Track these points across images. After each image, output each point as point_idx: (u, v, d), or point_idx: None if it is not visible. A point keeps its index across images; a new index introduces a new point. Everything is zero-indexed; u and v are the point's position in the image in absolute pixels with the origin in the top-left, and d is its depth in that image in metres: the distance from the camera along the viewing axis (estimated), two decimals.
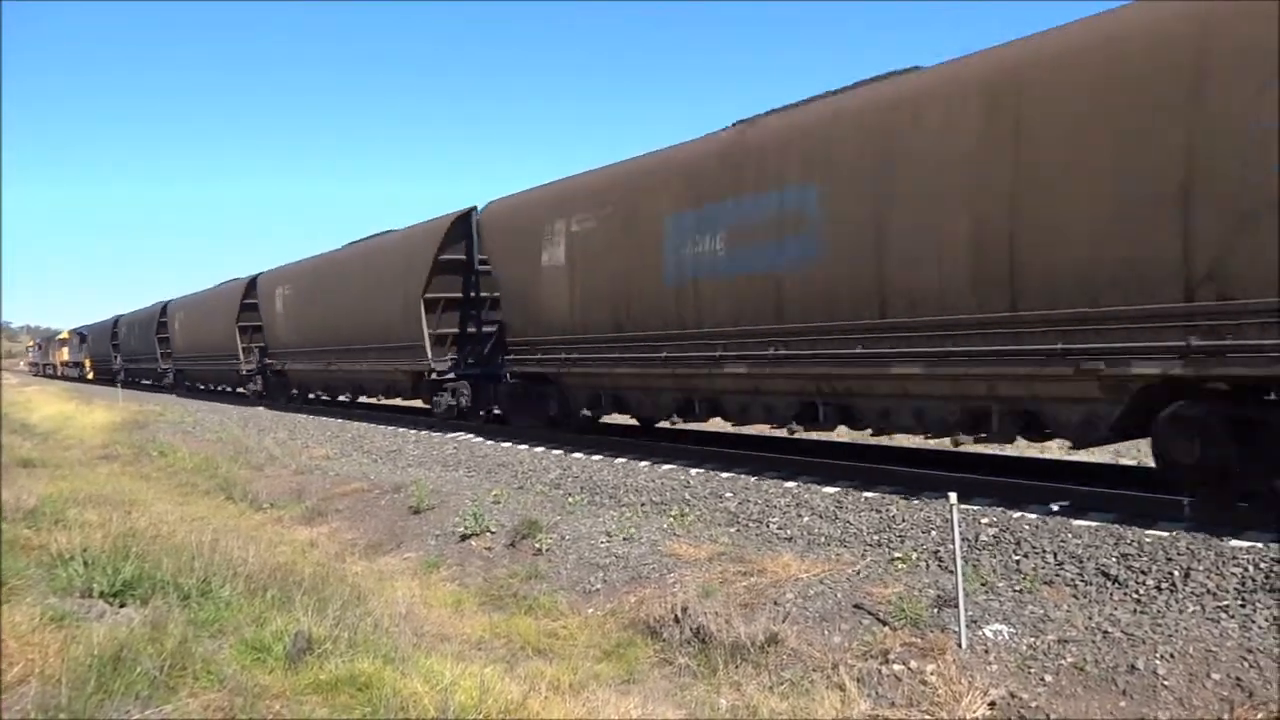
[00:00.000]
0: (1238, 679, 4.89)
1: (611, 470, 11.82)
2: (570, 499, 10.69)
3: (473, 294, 18.39)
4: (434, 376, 18.21)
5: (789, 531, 8.44)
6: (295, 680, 5.07)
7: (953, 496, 6.13)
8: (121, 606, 6.29)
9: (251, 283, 29.07)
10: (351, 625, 6.10)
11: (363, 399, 24.48)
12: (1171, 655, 5.18)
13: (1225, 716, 4.66)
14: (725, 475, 10.76)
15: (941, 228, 8.71)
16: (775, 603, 6.78)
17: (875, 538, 7.90)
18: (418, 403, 20.56)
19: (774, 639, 6.22)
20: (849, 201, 9.64)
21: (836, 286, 9.85)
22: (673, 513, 9.55)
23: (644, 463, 12.13)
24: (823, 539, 8.12)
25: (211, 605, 6.38)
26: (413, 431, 18.19)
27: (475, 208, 17.58)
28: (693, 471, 11.16)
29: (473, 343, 18.39)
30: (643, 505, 10.05)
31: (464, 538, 9.77)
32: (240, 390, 31.27)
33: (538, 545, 8.98)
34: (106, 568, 6.76)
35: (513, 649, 6.83)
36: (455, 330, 18.51)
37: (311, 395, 26.43)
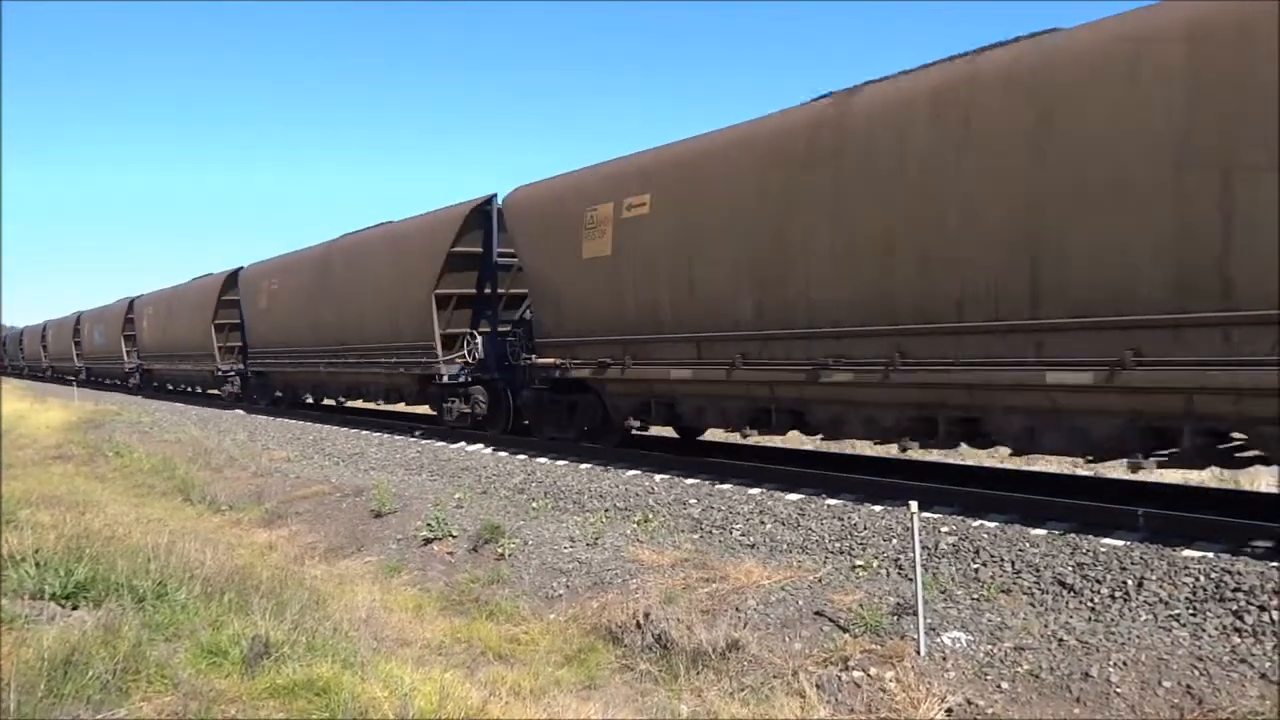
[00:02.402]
0: (1188, 687, 4.98)
1: (576, 476, 11.80)
2: (534, 504, 10.66)
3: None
4: (445, 380, 16.42)
5: (752, 538, 8.47)
6: (251, 684, 5.01)
7: (913, 505, 6.19)
8: (74, 609, 6.18)
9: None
10: (310, 629, 6.04)
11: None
12: (1124, 663, 5.27)
13: None
14: (689, 482, 10.78)
15: None
16: (737, 609, 6.80)
17: (837, 545, 7.95)
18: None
19: (735, 645, 6.24)
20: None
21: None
22: (636, 519, 9.55)
23: (608, 468, 12.12)
24: (785, 546, 8.17)
25: (167, 608, 6.30)
26: (400, 439, 17.97)
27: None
28: (657, 478, 11.17)
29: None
30: (607, 511, 10.04)
31: (426, 542, 9.71)
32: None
33: (500, 550, 8.94)
34: (59, 569, 6.65)
35: (474, 654, 6.80)
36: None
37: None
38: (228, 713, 4.59)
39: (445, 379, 16.40)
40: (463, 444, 15.51)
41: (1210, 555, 6.47)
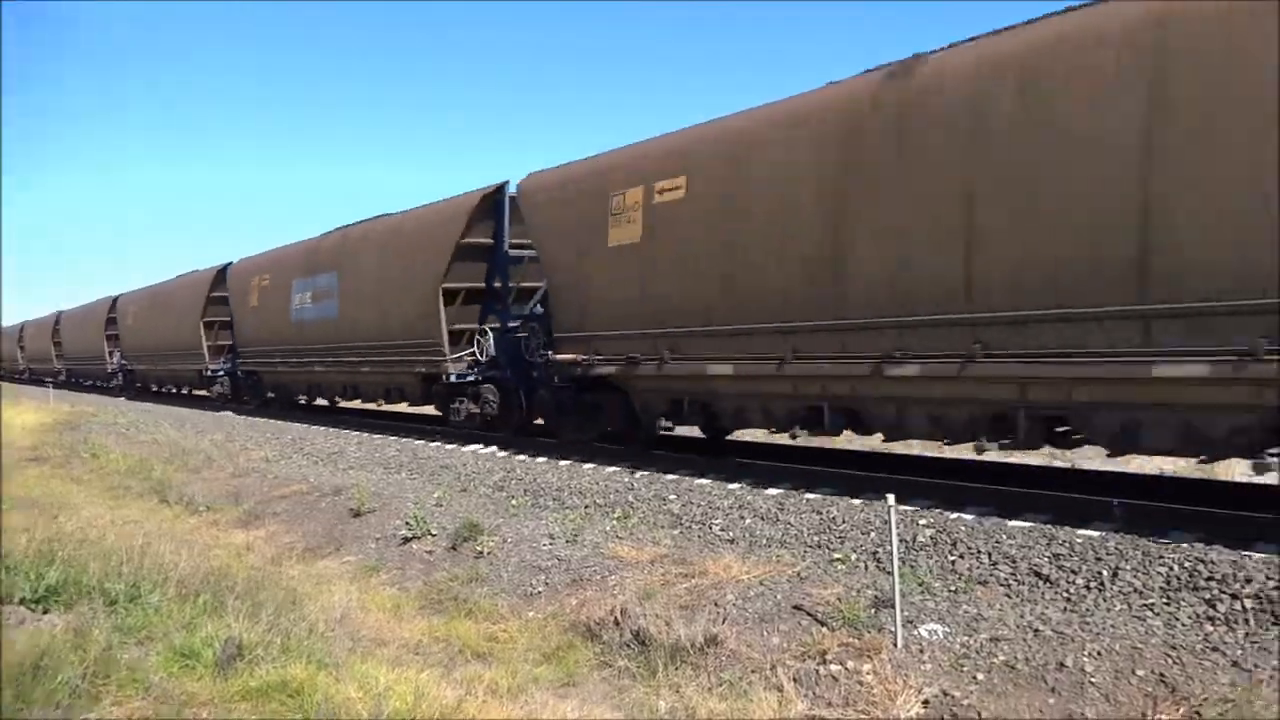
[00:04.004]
0: (1161, 675, 5.01)
1: (556, 473, 11.77)
2: (513, 501, 10.62)
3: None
4: (452, 379, 15.50)
5: (731, 533, 8.47)
6: (224, 687, 4.97)
7: (890, 498, 6.20)
8: (45, 613, 6.11)
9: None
10: (285, 630, 5.99)
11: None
12: (1099, 653, 5.29)
13: (1149, 712, 4.76)
14: (669, 477, 10.78)
15: None
16: (716, 604, 6.79)
17: (816, 539, 7.96)
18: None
19: (713, 640, 6.23)
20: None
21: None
22: (616, 515, 9.53)
23: (588, 465, 12.10)
24: (764, 540, 8.17)
25: (140, 611, 6.23)
26: (379, 438, 17.89)
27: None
28: (637, 474, 11.16)
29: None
30: (586, 508, 10.02)
31: (405, 540, 9.66)
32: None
33: (479, 548, 8.90)
34: (30, 573, 6.56)
35: (451, 653, 6.76)
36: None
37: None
38: (199, 715, 4.54)
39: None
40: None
41: (1185, 545, 6.51)
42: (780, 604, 6.67)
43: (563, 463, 12.43)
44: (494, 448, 14.42)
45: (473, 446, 14.81)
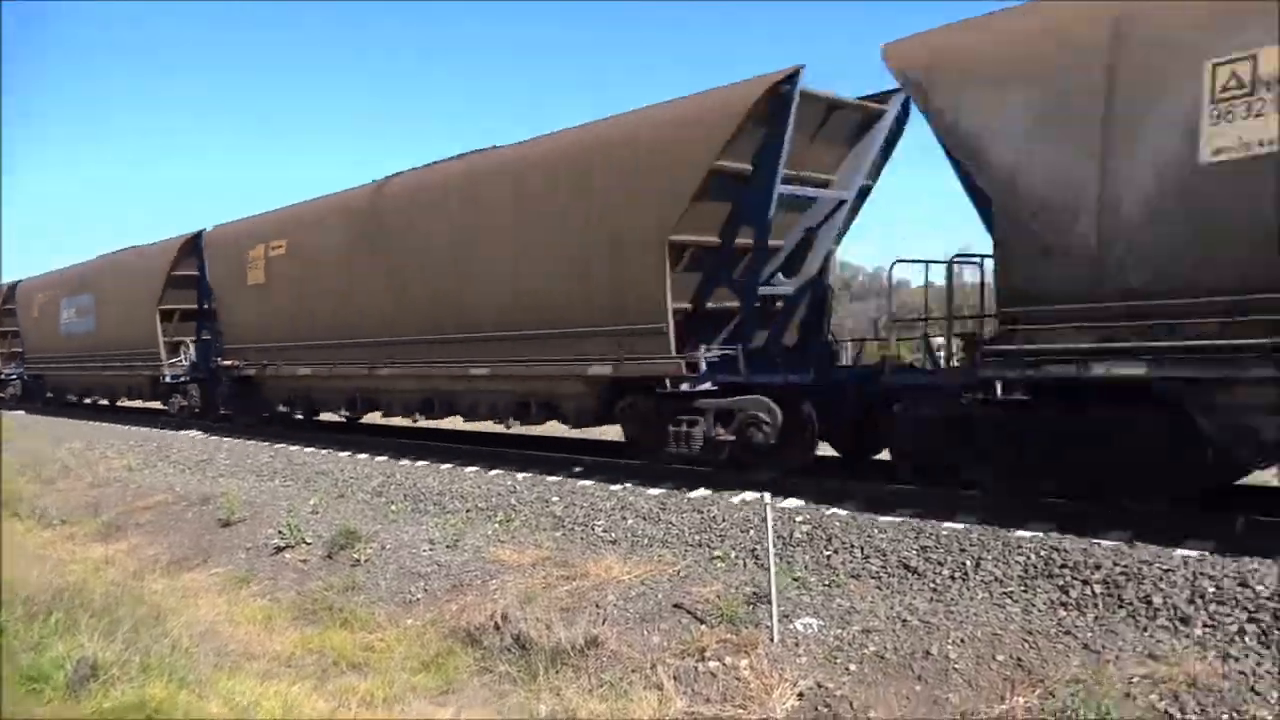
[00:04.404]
0: (1019, 659, 5.26)
1: (437, 476, 11.57)
2: (393, 507, 10.40)
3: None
4: (168, 380, 20.11)
5: (613, 534, 8.49)
6: (76, 710, 4.70)
7: (766, 496, 6.34)
8: None
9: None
10: (144, 648, 5.72)
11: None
12: (962, 640, 5.52)
13: (1007, 694, 4.99)
14: (552, 479, 10.73)
15: None
16: (597, 605, 6.80)
17: (697, 538, 8.05)
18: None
19: (594, 642, 6.24)
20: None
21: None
22: (498, 519, 9.44)
23: (471, 468, 11.94)
24: (646, 541, 8.21)
25: None
26: (251, 443, 17.19)
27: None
28: (519, 476, 11.07)
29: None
30: (468, 512, 9.88)
31: (278, 550, 9.34)
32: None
33: (357, 556, 8.69)
34: None
35: (325, 664, 6.58)
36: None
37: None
38: None
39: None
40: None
41: (1040, 535, 6.84)
42: (661, 603, 6.73)
43: (444, 466, 12.23)
44: (379, 455, 14.07)
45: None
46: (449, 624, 7.07)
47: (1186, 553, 6.15)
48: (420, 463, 12.74)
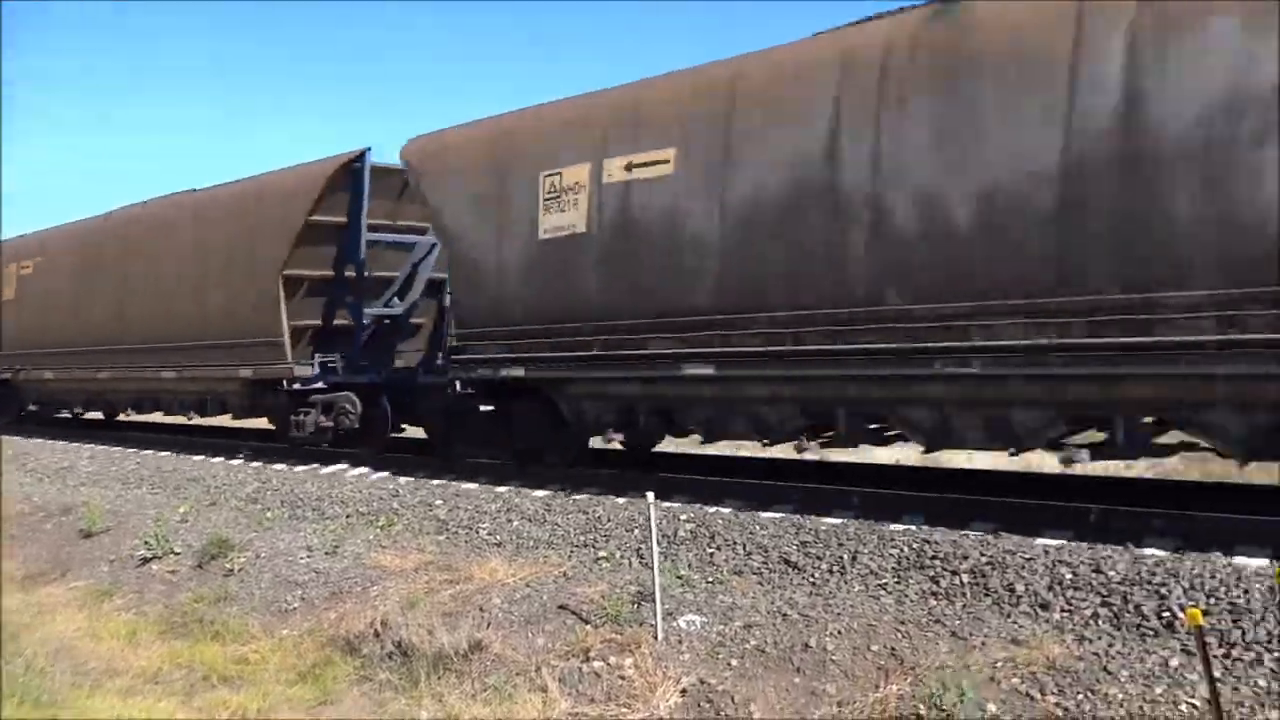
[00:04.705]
0: (893, 649, 5.44)
1: (316, 481, 11.24)
2: (268, 513, 10.05)
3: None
4: (298, 386, 12.76)
5: (499, 537, 8.41)
6: None
7: (650, 495, 6.38)
8: None
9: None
10: None
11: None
12: (839, 632, 5.68)
13: (881, 683, 5.16)
14: (436, 483, 10.56)
15: None
16: (481, 609, 6.73)
17: (582, 539, 8.05)
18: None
19: (478, 646, 6.18)
20: None
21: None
22: (380, 523, 9.23)
23: (352, 472, 11.65)
24: (531, 542, 8.17)
25: None
26: (117, 450, 16.23)
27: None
28: (402, 480, 10.86)
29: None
30: (348, 517, 9.64)
31: (144, 561, 8.92)
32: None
33: (229, 565, 8.37)
34: None
35: (194, 679, 6.32)
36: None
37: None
38: None
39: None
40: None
41: (913, 527, 7.11)
42: (546, 605, 6.70)
43: (324, 470, 11.90)
44: (253, 460, 13.56)
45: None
46: (327, 633, 6.88)
47: (1047, 542, 6.47)
48: (299, 467, 12.36)
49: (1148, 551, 6.08)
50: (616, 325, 8.90)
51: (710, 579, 6.89)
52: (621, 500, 8.84)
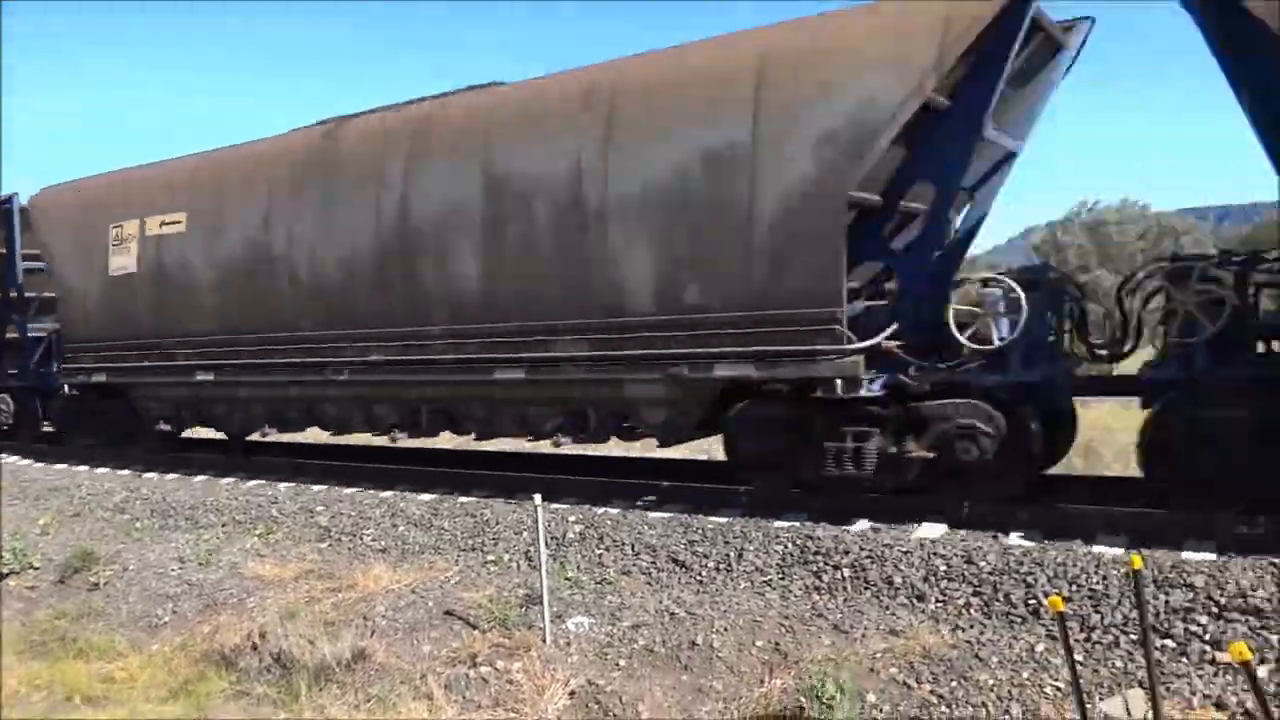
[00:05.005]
0: (776, 643, 5.56)
1: (189, 489, 10.78)
2: (138, 524, 9.58)
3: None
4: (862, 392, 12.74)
5: (383, 542, 8.22)
6: None
7: (537, 498, 6.36)
8: None
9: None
10: None
11: None
12: (725, 629, 5.76)
13: (766, 677, 5.26)
14: (318, 488, 10.24)
15: None
16: (365, 617, 6.57)
17: (470, 542, 7.94)
18: None
19: (361, 655, 6.04)
20: None
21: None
22: (258, 532, 8.91)
23: (227, 479, 11.21)
24: (417, 547, 8.01)
25: None
26: None
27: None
28: (281, 486, 10.50)
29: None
30: (224, 526, 9.27)
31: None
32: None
33: (95, 579, 7.97)
34: None
35: (55, 701, 5.99)
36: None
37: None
38: None
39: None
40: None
41: (797, 524, 7.25)
42: (432, 610, 6.59)
43: (197, 479, 11.41)
44: (122, 468, 12.90)
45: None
46: (201, 647, 6.61)
47: (922, 535, 6.70)
48: (170, 475, 11.82)
49: (1016, 542, 6.37)
50: (160, 343, 11.74)
51: (599, 580, 6.89)
52: (511, 503, 8.76)
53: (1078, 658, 4.87)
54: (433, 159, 9.08)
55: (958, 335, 7.06)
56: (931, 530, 6.84)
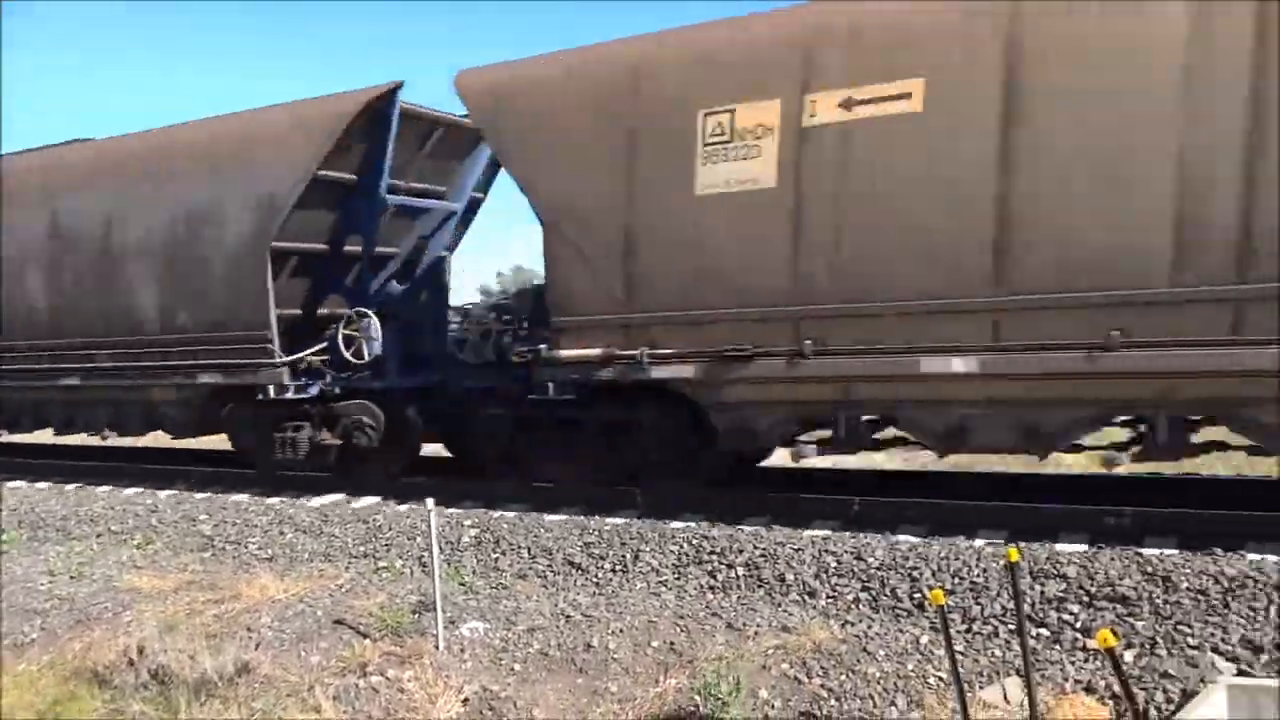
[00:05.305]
0: (672, 643, 5.58)
1: (61, 499, 10.24)
2: (3, 536, 9.05)
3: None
4: (289, 395, 9.50)
5: (270, 551, 7.96)
6: None
7: (430, 502, 6.26)
8: None
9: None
10: None
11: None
12: (621, 630, 5.76)
13: (661, 677, 5.28)
14: (200, 496, 9.88)
15: None
16: (249, 629, 6.35)
17: (361, 549, 7.76)
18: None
19: (245, 668, 5.83)
20: None
21: None
22: (136, 542, 8.53)
23: (103, 487, 10.70)
24: (306, 555, 7.79)
25: None
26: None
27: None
28: (162, 494, 10.08)
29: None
30: (99, 536, 8.84)
31: None
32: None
33: None
34: None
35: None
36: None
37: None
38: None
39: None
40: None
41: (693, 525, 7.32)
42: (321, 620, 6.41)
43: (69, 487, 10.85)
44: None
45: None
46: (71, 665, 6.28)
47: (814, 533, 6.85)
48: (40, 484, 11.21)
49: (902, 538, 6.56)
50: None
51: (494, 584, 6.82)
52: (403, 508, 8.61)
53: (959, 648, 5.05)
54: (14, 206, 11.15)
55: (343, 351, 9.35)
56: (822, 528, 7.00)
